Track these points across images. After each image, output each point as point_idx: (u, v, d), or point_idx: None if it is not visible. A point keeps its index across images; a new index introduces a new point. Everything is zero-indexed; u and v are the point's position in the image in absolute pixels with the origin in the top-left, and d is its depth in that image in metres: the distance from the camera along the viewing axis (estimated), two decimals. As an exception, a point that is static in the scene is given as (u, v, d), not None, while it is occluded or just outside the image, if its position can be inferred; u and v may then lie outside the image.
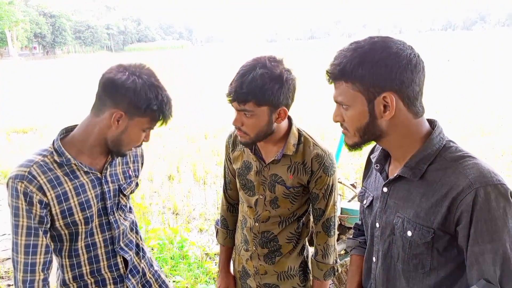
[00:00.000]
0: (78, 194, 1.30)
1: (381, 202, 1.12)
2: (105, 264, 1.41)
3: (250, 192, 1.52)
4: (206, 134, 8.34)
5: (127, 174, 1.47)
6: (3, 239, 3.88)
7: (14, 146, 7.72)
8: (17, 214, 1.21)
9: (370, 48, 0.96)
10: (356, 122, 1.02)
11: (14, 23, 40.28)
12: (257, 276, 1.60)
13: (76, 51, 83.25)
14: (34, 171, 1.22)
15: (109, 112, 1.25)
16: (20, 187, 1.19)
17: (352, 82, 0.97)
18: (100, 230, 1.38)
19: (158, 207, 4.83)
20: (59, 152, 1.27)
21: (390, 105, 0.96)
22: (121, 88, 1.22)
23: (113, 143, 1.30)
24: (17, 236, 1.21)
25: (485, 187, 0.89)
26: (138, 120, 1.26)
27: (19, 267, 1.22)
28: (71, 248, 1.35)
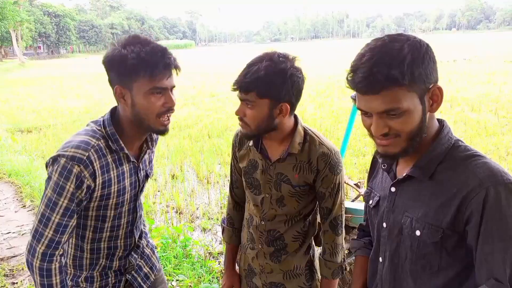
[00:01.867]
0: (119, 181, 1.32)
1: (388, 202, 1.12)
2: (122, 243, 1.45)
3: (256, 190, 1.52)
4: (209, 133, 8.35)
5: (151, 159, 1.50)
6: (7, 237, 3.90)
7: (18, 145, 7.76)
8: (60, 193, 1.19)
9: (410, 45, 0.91)
10: (411, 125, 0.94)
11: (18, 23, 40.41)
12: (262, 275, 1.60)
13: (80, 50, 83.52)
14: (92, 155, 1.21)
15: (114, 93, 1.25)
16: (75, 170, 1.18)
17: (408, 84, 0.90)
18: (127, 213, 1.41)
19: (161, 206, 4.84)
20: (113, 138, 1.27)
21: (439, 96, 0.95)
22: (107, 64, 1.23)
23: (137, 122, 1.27)
24: (52, 213, 1.20)
25: (496, 186, 0.89)
26: (136, 85, 1.21)
27: (43, 240, 1.20)
28: (97, 226, 1.36)
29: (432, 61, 0.93)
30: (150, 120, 1.25)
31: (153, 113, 1.24)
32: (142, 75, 1.19)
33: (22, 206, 4.72)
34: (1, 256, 3.52)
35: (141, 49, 1.18)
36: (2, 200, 4.93)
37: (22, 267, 3.32)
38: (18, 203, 4.83)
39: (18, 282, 3.11)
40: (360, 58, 0.93)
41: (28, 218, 4.34)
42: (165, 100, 1.24)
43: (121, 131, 1.31)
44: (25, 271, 3.28)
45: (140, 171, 1.40)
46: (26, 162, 6.36)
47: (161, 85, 1.21)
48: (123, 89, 1.22)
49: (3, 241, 3.83)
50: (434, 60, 0.94)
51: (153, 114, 1.24)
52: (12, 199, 4.96)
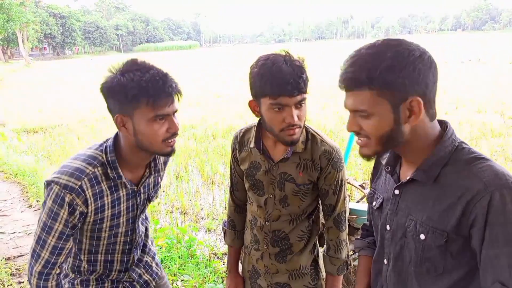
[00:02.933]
0: (113, 206, 1.33)
1: (392, 204, 1.11)
2: (118, 259, 1.47)
3: (260, 191, 1.52)
4: (214, 134, 8.37)
5: (156, 182, 1.49)
6: (14, 237, 3.93)
7: (24, 145, 7.82)
8: (55, 219, 1.23)
9: (395, 52, 0.91)
10: (379, 130, 0.97)
11: (24, 24, 40.71)
12: (268, 276, 1.60)
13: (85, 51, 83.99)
14: (84, 185, 1.23)
15: (115, 121, 1.24)
16: (68, 198, 1.21)
17: (379, 89, 0.92)
18: (124, 235, 1.43)
19: (166, 207, 4.86)
20: (112, 166, 1.27)
21: (417, 109, 0.93)
22: (108, 92, 1.20)
23: (141, 148, 1.26)
24: (48, 236, 1.24)
25: (501, 190, 0.88)
26: (137, 113, 1.18)
27: (40, 261, 1.25)
28: (93, 243, 1.40)
29: (417, 74, 0.91)
30: (155, 146, 1.24)
31: (157, 140, 1.23)
32: (144, 104, 1.16)
33: (28, 206, 4.75)
34: (8, 255, 3.55)
35: (141, 77, 1.14)
36: (8, 200, 4.96)
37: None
38: (24, 203, 4.87)
39: (24, 282, 3.13)
40: (347, 58, 0.97)
41: (34, 218, 4.37)
42: (169, 126, 1.23)
43: (123, 158, 1.31)
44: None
45: (139, 195, 1.40)
46: (32, 162, 6.41)
47: (163, 112, 1.19)
48: (124, 117, 1.20)
49: (9, 240, 3.86)
50: (420, 73, 0.91)
51: (157, 141, 1.23)
52: (18, 199, 5.00)
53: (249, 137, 1.54)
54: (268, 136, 1.45)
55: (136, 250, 1.50)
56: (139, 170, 1.38)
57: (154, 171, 1.44)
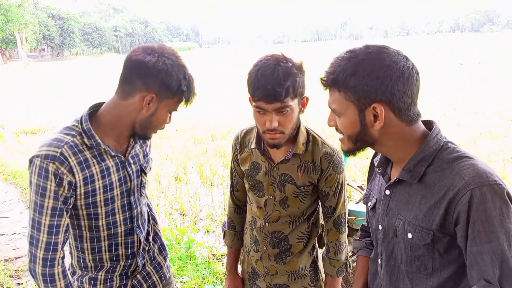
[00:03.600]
0: (104, 177, 1.31)
1: (383, 205, 1.14)
2: (122, 241, 1.43)
3: (260, 192, 1.53)
4: (213, 135, 8.37)
5: (145, 153, 1.49)
6: (13, 238, 3.93)
7: (23, 147, 7.81)
8: (44, 195, 1.19)
9: (364, 59, 0.97)
10: (348, 130, 1.04)
11: (23, 25, 40.62)
12: (267, 277, 1.60)
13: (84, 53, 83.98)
14: (65, 152, 1.21)
15: (139, 95, 1.24)
16: (51, 168, 1.18)
17: (344, 92, 0.99)
18: (122, 210, 1.40)
19: (165, 208, 4.85)
20: (88, 134, 1.26)
21: (379, 115, 0.97)
22: (152, 70, 1.21)
23: (142, 126, 1.31)
24: (40, 216, 1.20)
25: (481, 188, 0.90)
26: (167, 102, 1.28)
27: (41, 245, 1.21)
28: (92, 225, 1.36)
29: (380, 81, 0.94)
30: (153, 130, 1.35)
31: (160, 126, 1.35)
32: (178, 98, 1.29)
33: (27, 207, 4.74)
34: (6, 257, 3.54)
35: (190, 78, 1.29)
36: (7, 202, 4.96)
37: (27, 268, 3.34)
38: (23, 204, 4.86)
39: (23, 283, 3.13)
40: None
41: (33, 219, 4.37)
42: (169, 119, 1.36)
43: (102, 126, 1.30)
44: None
45: (129, 165, 1.39)
46: (30, 163, 6.40)
47: (177, 108, 1.34)
48: (155, 98, 1.25)
49: (8, 242, 3.85)
50: (384, 81, 0.93)
51: (159, 127, 1.35)
52: (17, 201, 4.99)
53: (250, 137, 1.55)
54: None
55: (140, 230, 1.46)
56: (123, 140, 1.38)
57: (138, 139, 1.44)
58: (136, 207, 1.45)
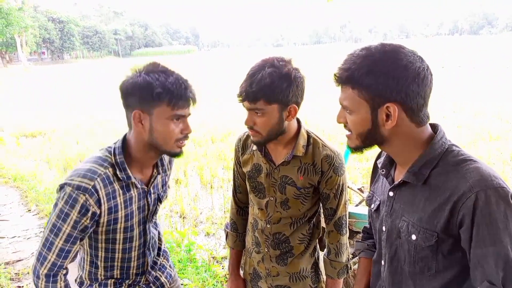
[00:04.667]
0: (126, 207, 1.35)
1: (387, 206, 1.14)
2: (135, 264, 1.48)
3: (261, 194, 1.54)
4: (213, 138, 8.38)
5: (164, 182, 1.52)
6: (13, 241, 3.93)
7: (23, 150, 7.81)
8: (65, 220, 1.23)
9: (380, 58, 0.96)
10: (358, 128, 1.04)
11: (23, 29, 40.71)
12: (268, 278, 1.61)
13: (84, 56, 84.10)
14: (97, 184, 1.24)
15: (131, 118, 1.27)
16: (81, 199, 1.21)
17: (358, 89, 0.98)
18: (138, 237, 1.44)
19: (165, 211, 4.86)
20: (121, 167, 1.30)
21: (392, 115, 0.97)
22: (129, 89, 1.25)
23: (155, 146, 1.30)
24: (56, 238, 1.24)
25: (486, 191, 0.90)
26: (157, 111, 1.24)
27: (46, 264, 1.25)
28: (108, 248, 1.40)
29: (396, 81, 0.94)
30: (168, 145, 1.30)
31: (171, 138, 1.29)
32: (166, 104, 1.23)
33: (27, 210, 4.75)
34: (7, 260, 3.54)
35: (166, 78, 1.23)
36: (7, 205, 4.96)
37: (27, 271, 3.34)
38: (23, 207, 4.86)
39: (23, 286, 3.13)
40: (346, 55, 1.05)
41: (33, 223, 4.37)
42: (183, 127, 1.30)
43: (131, 158, 1.34)
44: (30, 275, 3.29)
45: (150, 195, 1.43)
46: (31, 166, 6.41)
47: (181, 112, 1.27)
48: (142, 114, 1.25)
49: (8, 245, 3.85)
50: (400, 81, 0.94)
51: (171, 140, 1.29)
52: (18, 204, 4.99)
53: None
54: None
55: (149, 252, 1.51)
56: (147, 170, 1.42)
57: (162, 170, 1.47)
58: (150, 233, 1.49)
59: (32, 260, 3.51)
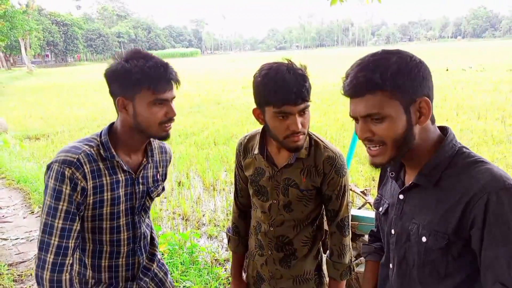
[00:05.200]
0: (113, 189, 1.34)
1: (397, 209, 1.14)
2: (123, 262, 1.45)
3: (264, 197, 1.54)
4: (215, 141, 8.39)
5: (155, 178, 1.51)
6: (16, 243, 3.94)
7: (26, 152, 7.85)
8: (59, 198, 1.23)
9: (399, 57, 0.96)
10: (394, 133, 0.98)
11: (27, 32, 40.95)
12: (272, 281, 1.61)
13: (87, 59, 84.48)
14: (82, 159, 1.26)
15: (117, 103, 1.29)
16: (67, 172, 1.23)
17: (391, 90, 0.95)
18: (126, 228, 1.42)
19: (168, 213, 4.87)
20: (105, 146, 1.32)
21: (426, 109, 0.98)
22: (110, 77, 1.28)
23: (140, 129, 1.31)
24: (54, 219, 1.23)
25: (497, 191, 0.90)
26: (138, 97, 1.26)
27: (51, 249, 1.22)
28: (96, 238, 1.38)
29: (422, 76, 0.96)
30: (153, 128, 1.31)
31: (155, 122, 1.30)
32: (146, 88, 1.24)
33: (30, 212, 4.77)
34: (10, 261, 3.55)
35: (144, 63, 1.23)
36: (10, 206, 4.98)
37: (30, 273, 3.35)
38: (26, 209, 4.88)
39: (26, 287, 3.14)
40: (351, 66, 1.01)
41: (37, 224, 4.38)
42: (167, 111, 1.30)
43: (117, 141, 1.35)
44: (33, 276, 3.30)
45: (138, 184, 1.42)
46: (34, 168, 6.43)
47: (162, 97, 1.27)
48: (125, 100, 1.27)
49: (11, 246, 3.87)
50: (424, 76, 0.97)
51: (155, 124, 1.30)
52: (21, 205, 5.02)
53: (253, 143, 1.56)
54: (272, 143, 1.47)
55: (140, 252, 1.49)
56: (136, 156, 1.42)
57: (151, 160, 1.47)
58: (140, 228, 1.47)
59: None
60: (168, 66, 1.28)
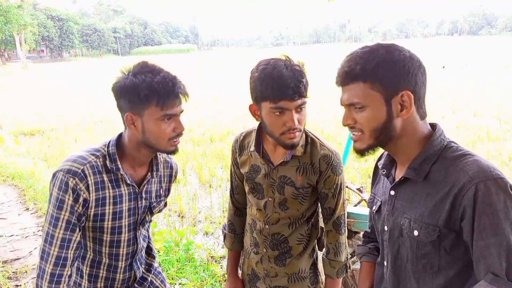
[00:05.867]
0: (115, 203, 1.33)
1: (388, 205, 1.15)
2: (120, 277, 1.45)
3: (259, 195, 1.53)
4: (211, 137, 8.37)
5: (158, 193, 1.50)
6: (11, 240, 3.92)
7: (21, 148, 7.80)
8: (61, 207, 1.23)
9: (387, 51, 0.99)
10: (373, 122, 1.02)
11: (22, 26, 40.58)
12: (267, 279, 1.61)
13: (83, 54, 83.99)
14: (86, 170, 1.25)
15: (125, 119, 1.27)
16: (71, 182, 1.22)
17: (372, 82, 0.99)
18: (127, 244, 1.42)
19: (164, 210, 4.85)
20: (111, 158, 1.31)
21: (409, 103, 0.99)
22: (118, 92, 1.26)
23: (149, 145, 1.30)
24: (55, 229, 1.23)
25: (485, 182, 0.92)
26: (147, 112, 1.24)
27: (50, 259, 1.23)
28: (95, 249, 1.38)
29: (407, 70, 0.98)
30: (161, 144, 1.30)
31: (164, 138, 1.29)
32: (154, 104, 1.22)
33: (25, 209, 4.74)
34: (5, 258, 3.53)
35: (152, 78, 1.21)
36: (5, 203, 4.95)
37: (25, 270, 3.34)
38: (21, 206, 4.85)
39: (21, 285, 3.12)
40: (344, 57, 1.05)
41: (31, 221, 4.36)
42: (175, 126, 1.29)
43: (124, 153, 1.34)
44: (28, 273, 3.29)
45: (141, 199, 1.41)
46: (29, 165, 6.40)
47: (171, 112, 1.25)
48: (134, 116, 1.25)
49: (6, 243, 3.84)
50: (410, 71, 0.98)
51: (164, 139, 1.29)
52: (16, 202, 4.98)
53: (249, 140, 1.55)
54: (268, 140, 1.47)
55: (137, 266, 1.49)
56: (141, 170, 1.40)
57: (156, 175, 1.45)
58: (140, 242, 1.47)
59: (30, 259, 3.51)
60: (176, 80, 1.26)
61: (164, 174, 1.52)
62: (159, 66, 1.27)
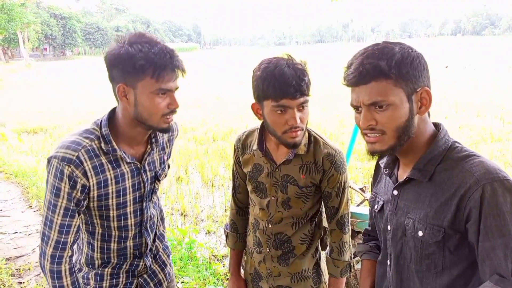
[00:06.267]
0: (117, 182, 1.31)
1: (391, 205, 1.14)
2: (131, 244, 1.45)
3: (262, 194, 1.53)
4: (214, 136, 8.38)
5: (162, 160, 1.48)
6: (14, 237, 3.94)
7: (25, 146, 7.83)
8: (58, 195, 1.22)
9: (400, 47, 0.98)
10: (397, 121, 0.98)
11: (25, 25, 40.66)
12: (270, 278, 1.60)
13: (86, 52, 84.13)
14: (82, 156, 1.22)
15: (117, 90, 1.22)
16: (66, 170, 1.20)
17: (395, 79, 0.96)
18: (134, 215, 1.40)
19: (166, 208, 4.86)
20: (106, 139, 1.26)
21: (427, 99, 0.99)
22: (112, 61, 1.19)
23: (139, 120, 1.25)
24: (53, 215, 1.23)
25: (492, 183, 0.92)
26: (141, 84, 1.18)
27: (50, 243, 1.24)
28: (104, 224, 1.37)
29: (422, 67, 0.99)
30: (154, 119, 1.24)
31: (157, 113, 1.23)
32: (150, 76, 1.17)
33: (28, 206, 4.76)
34: (8, 255, 3.55)
35: (149, 49, 1.16)
36: (9, 200, 4.97)
37: (28, 267, 3.35)
38: (24, 203, 4.87)
39: (25, 282, 3.14)
40: (354, 55, 1.02)
41: (35, 219, 4.38)
42: (170, 102, 1.24)
43: (118, 132, 1.30)
44: (31, 271, 3.31)
45: (145, 172, 1.39)
46: (32, 162, 6.42)
47: (166, 86, 1.20)
48: (126, 88, 1.20)
49: (10, 241, 3.86)
50: (424, 67, 0.99)
51: (157, 115, 1.24)
52: (19, 200, 5.00)
53: (252, 139, 1.55)
54: (271, 139, 1.46)
55: (147, 233, 1.48)
56: (139, 146, 1.37)
57: (156, 146, 1.43)
58: (147, 212, 1.46)
59: (33, 256, 3.53)
60: (174, 53, 1.20)
61: (165, 139, 1.50)
62: (157, 38, 1.22)
